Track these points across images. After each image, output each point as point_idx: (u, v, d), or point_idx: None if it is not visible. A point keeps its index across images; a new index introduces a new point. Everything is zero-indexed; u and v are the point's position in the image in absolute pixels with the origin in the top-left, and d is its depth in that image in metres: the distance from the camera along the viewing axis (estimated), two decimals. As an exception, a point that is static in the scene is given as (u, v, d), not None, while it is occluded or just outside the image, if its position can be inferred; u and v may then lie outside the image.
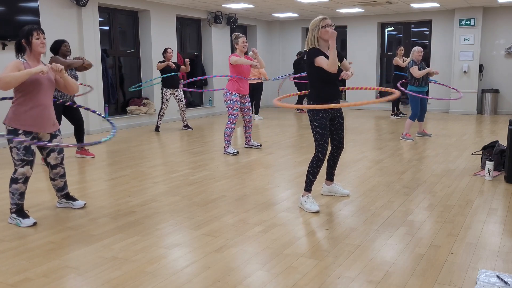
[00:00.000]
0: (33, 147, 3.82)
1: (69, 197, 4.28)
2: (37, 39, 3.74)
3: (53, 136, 3.96)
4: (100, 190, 4.98)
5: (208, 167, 5.95)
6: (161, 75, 9.03)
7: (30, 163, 3.79)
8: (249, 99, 7.00)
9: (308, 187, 4.20)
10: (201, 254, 3.19)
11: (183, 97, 9.25)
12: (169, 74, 8.89)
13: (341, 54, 4.18)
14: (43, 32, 3.81)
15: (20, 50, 3.81)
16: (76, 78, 6.20)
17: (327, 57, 4.00)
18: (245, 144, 7.35)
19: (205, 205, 4.33)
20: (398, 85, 8.03)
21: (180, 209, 4.21)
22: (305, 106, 4.05)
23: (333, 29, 4.04)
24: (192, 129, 9.51)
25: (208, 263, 3.05)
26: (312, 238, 3.52)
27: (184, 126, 9.56)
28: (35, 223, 3.81)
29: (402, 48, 11.10)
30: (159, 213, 4.12)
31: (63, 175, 4.17)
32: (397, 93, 4.08)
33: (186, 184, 5.13)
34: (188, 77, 11.29)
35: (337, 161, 4.48)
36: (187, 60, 9.14)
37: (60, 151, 4.06)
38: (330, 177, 4.57)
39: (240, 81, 6.71)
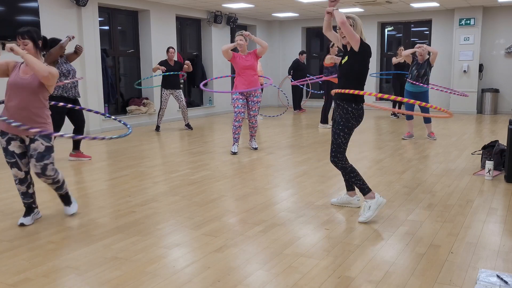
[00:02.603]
0: (13, 149, 3.69)
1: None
2: (18, 45, 3.67)
3: (31, 140, 3.70)
4: (100, 190, 4.98)
5: (208, 167, 5.95)
6: (163, 74, 9.06)
7: (15, 165, 3.73)
8: (256, 98, 6.70)
9: (367, 191, 3.95)
10: (201, 254, 3.19)
11: (183, 97, 9.24)
12: (169, 73, 8.90)
13: None
14: (25, 38, 3.66)
15: None
16: (74, 71, 6.20)
17: (345, 53, 3.99)
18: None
19: (205, 205, 4.33)
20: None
21: (180, 209, 4.21)
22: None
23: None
24: (192, 129, 9.51)
25: (208, 263, 3.05)
26: (312, 238, 3.52)
27: (186, 125, 9.55)
28: (21, 224, 3.77)
29: (402, 48, 11.09)
30: (159, 213, 4.12)
31: (53, 183, 3.87)
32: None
33: (186, 184, 5.13)
34: (189, 76, 11.30)
35: None
36: (187, 61, 9.13)
37: (38, 158, 3.69)
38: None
39: (237, 80, 6.66)
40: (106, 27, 10.08)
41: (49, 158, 3.73)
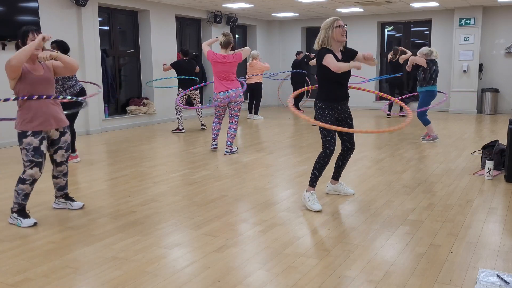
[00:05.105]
0: (43, 149, 3.80)
1: (67, 198, 4.28)
2: (32, 40, 3.70)
3: (62, 133, 3.98)
4: (100, 190, 4.97)
5: (208, 167, 5.95)
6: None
7: (39, 165, 3.77)
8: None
9: (313, 183, 4.23)
10: (201, 254, 3.19)
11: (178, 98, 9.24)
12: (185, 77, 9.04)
13: (354, 50, 4.20)
14: (40, 33, 3.76)
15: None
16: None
17: (336, 58, 4.01)
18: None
19: (205, 205, 4.33)
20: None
21: (180, 209, 4.21)
22: (312, 120, 3.88)
23: (346, 29, 4.07)
24: (205, 128, 9.54)
25: (208, 263, 3.05)
26: (312, 237, 3.52)
27: (202, 125, 9.59)
28: (35, 224, 3.80)
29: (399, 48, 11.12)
30: (159, 213, 4.12)
31: (66, 174, 4.18)
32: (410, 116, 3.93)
33: (186, 184, 5.13)
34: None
35: (346, 162, 4.47)
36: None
37: (67, 148, 4.06)
38: (336, 177, 4.57)
39: None
40: (106, 27, 10.08)
41: None
